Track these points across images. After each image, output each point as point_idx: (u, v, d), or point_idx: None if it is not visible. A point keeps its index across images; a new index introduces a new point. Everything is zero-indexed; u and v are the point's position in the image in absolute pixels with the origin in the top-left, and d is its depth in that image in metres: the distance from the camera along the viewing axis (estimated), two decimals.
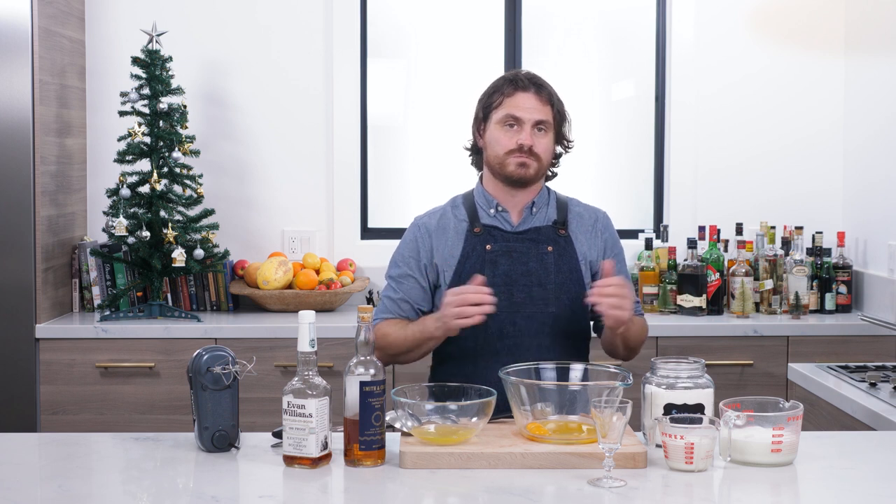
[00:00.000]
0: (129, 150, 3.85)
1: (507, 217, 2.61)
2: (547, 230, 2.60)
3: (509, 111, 2.56)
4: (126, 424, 3.67)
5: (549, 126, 2.58)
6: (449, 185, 4.36)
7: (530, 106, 2.55)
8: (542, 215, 2.63)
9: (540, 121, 2.56)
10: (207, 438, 2.13)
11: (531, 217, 2.62)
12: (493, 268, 2.55)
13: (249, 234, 4.24)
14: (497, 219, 2.61)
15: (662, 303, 4.02)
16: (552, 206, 2.65)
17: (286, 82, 4.24)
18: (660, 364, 2.19)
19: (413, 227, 2.67)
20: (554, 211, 2.64)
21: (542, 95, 2.57)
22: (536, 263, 2.56)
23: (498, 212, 2.61)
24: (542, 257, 2.57)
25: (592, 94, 4.43)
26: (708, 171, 4.29)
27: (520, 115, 2.55)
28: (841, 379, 2.88)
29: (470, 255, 2.57)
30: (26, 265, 3.67)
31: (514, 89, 2.57)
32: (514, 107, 2.56)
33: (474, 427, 2.11)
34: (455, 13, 4.39)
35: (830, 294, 4.02)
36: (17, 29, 3.63)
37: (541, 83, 2.59)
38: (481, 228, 2.59)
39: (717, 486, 1.96)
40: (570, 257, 2.58)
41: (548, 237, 2.59)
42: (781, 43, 4.27)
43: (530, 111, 2.55)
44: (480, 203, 2.63)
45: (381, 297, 2.67)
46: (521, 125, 2.55)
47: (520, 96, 2.56)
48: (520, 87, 2.57)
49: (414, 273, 2.61)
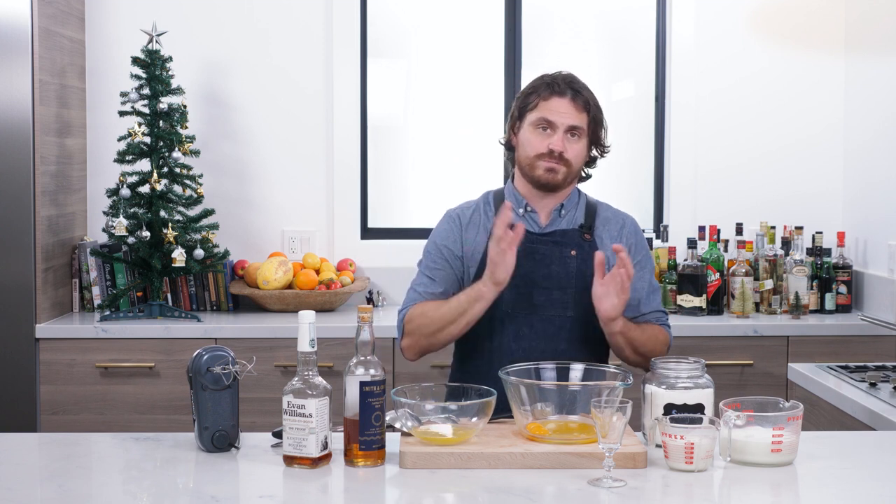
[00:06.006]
0: (129, 150, 3.85)
1: (536, 218, 2.60)
2: (572, 233, 2.59)
3: (543, 114, 2.54)
4: (126, 424, 3.67)
5: (583, 132, 2.56)
6: (449, 184, 4.40)
7: (565, 111, 2.54)
8: (570, 218, 2.61)
9: (573, 126, 2.54)
10: (207, 438, 2.13)
11: (559, 219, 2.61)
12: (514, 268, 2.54)
13: (249, 234, 4.24)
14: (525, 219, 2.60)
15: (662, 303, 4.01)
16: (580, 209, 2.63)
17: (286, 82, 4.24)
18: (660, 364, 2.19)
19: (447, 218, 2.66)
20: (582, 214, 2.62)
21: (578, 101, 2.55)
22: (559, 266, 2.55)
23: (527, 212, 2.61)
24: (564, 261, 2.55)
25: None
26: (708, 171, 4.29)
27: (553, 120, 2.54)
28: (841, 379, 2.88)
29: None
30: (26, 265, 3.67)
31: (550, 93, 2.55)
32: (549, 110, 2.54)
33: (474, 427, 2.11)
34: (455, 13, 4.39)
35: (830, 294, 4.02)
36: (17, 29, 3.63)
37: (578, 88, 2.57)
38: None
39: (717, 486, 1.96)
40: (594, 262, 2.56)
41: (572, 240, 2.58)
42: (781, 43, 4.27)
43: (564, 116, 2.53)
44: (511, 201, 2.61)
45: (410, 289, 2.63)
46: (553, 129, 2.54)
47: (555, 101, 2.54)
48: (556, 91, 2.55)
49: (449, 262, 2.59)
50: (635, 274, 2.57)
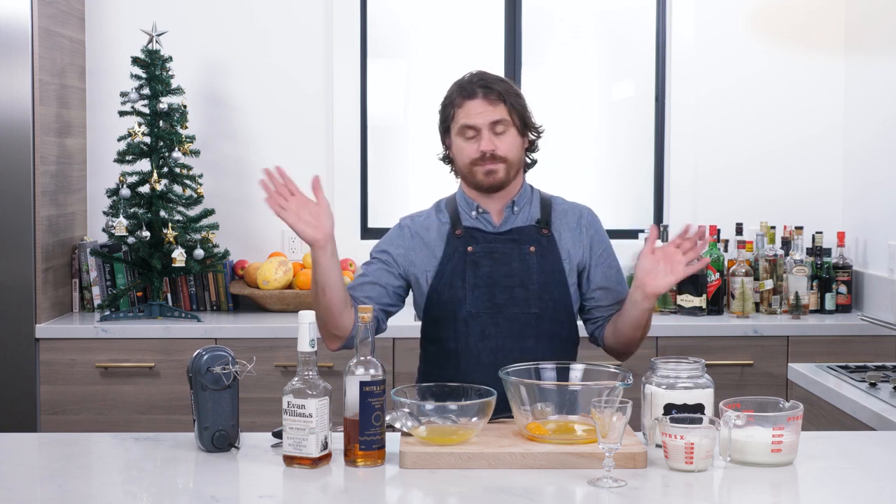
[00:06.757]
0: (129, 150, 3.85)
1: (489, 218, 2.60)
2: (529, 230, 2.58)
3: (464, 121, 2.54)
4: (126, 424, 3.67)
5: (508, 123, 2.53)
6: (449, 184, 4.39)
7: (480, 111, 2.52)
8: (525, 214, 2.61)
9: (495, 122, 2.52)
10: (207, 438, 2.13)
11: (513, 216, 2.60)
12: (474, 269, 2.54)
13: (249, 234, 4.24)
14: (479, 220, 2.59)
15: (662, 302, 4.02)
16: (535, 204, 2.63)
17: (286, 82, 4.24)
18: (660, 364, 2.19)
19: (397, 227, 2.67)
20: (537, 210, 2.62)
21: (491, 96, 2.52)
22: (519, 264, 2.54)
23: (479, 213, 2.60)
24: (524, 258, 2.55)
25: (592, 94, 4.43)
26: (708, 171, 4.29)
27: (473, 123, 2.52)
28: (841, 379, 2.88)
29: (451, 256, 2.56)
30: (26, 265, 3.67)
31: (462, 98, 2.54)
32: (467, 115, 2.53)
33: (474, 427, 2.11)
34: (455, 13, 4.39)
35: (830, 294, 4.02)
36: (17, 29, 3.63)
37: (488, 84, 2.53)
38: (463, 231, 2.58)
39: (717, 486, 1.96)
40: (553, 257, 2.56)
41: (530, 237, 2.57)
42: (781, 43, 4.27)
43: (482, 115, 2.52)
44: (462, 206, 2.62)
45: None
46: (477, 132, 2.53)
47: (469, 104, 2.53)
48: (466, 94, 2.53)
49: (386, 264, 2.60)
50: (602, 264, 2.60)
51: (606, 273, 2.61)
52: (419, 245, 2.61)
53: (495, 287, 2.53)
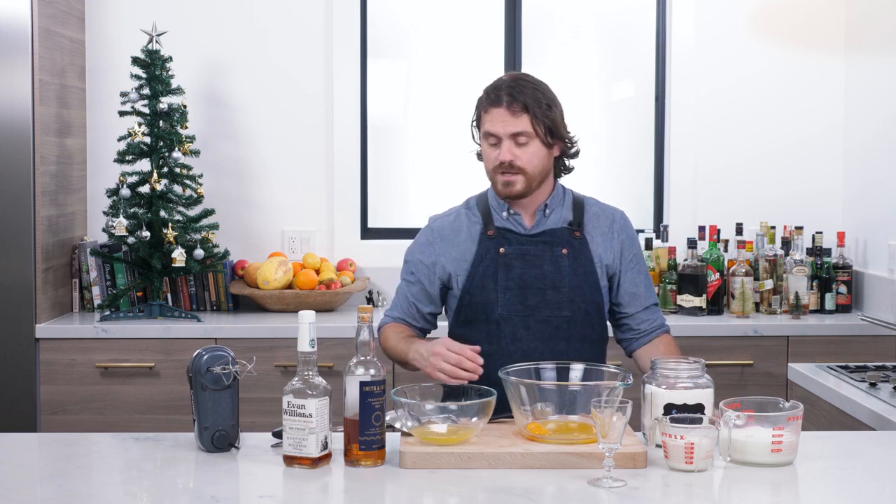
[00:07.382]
0: (129, 150, 3.85)
1: (520, 220, 2.58)
2: (561, 232, 2.57)
3: (487, 128, 2.52)
4: (126, 424, 3.67)
5: (530, 135, 2.49)
6: (449, 184, 4.40)
7: (503, 120, 2.49)
8: (557, 216, 2.59)
9: (516, 133, 2.49)
10: (207, 438, 2.13)
11: (545, 219, 2.58)
12: (506, 271, 2.53)
13: (249, 234, 4.24)
14: (510, 221, 2.58)
15: (662, 303, 4.02)
16: (567, 206, 2.61)
17: (286, 82, 4.24)
18: (660, 364, 2.19)
19: (426, 231, 2.66)
20: (569, 211, 2.60)
21: (515, 106, 2.48)
22: (551, 266, 2.53)
23: (511, 214, 2.59)
24: (556, 260, 2.53)
25: (592, 94, 4.43)
26: (708, 171, 4.29)
27: (495, 131, 2.50)
28: (841, 379, 2.88)
29: (483, 258, 2.55)
30: (26, 265, 3.67)
31: (488, 104, 2.51)
32: (490, 123, 2.51)
33: (474, 427, 2.11)
34: (455, 13, 4.39)
35: (830, 294, 4.02)
36: (17, 29, 3.63)
37: (514, 93, 2.48)
38: (495, 231, 2.56)
39: (717, 486, 1.96)
40: (586, 260, 2.55)
41: (562, 239, 2.56)
42: (781, 43, 4.27)
43: (504, 125, 2.49)
44: (493, 205, 2.60)
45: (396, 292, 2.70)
46: (499, 140, 2.51)
47: (493, 111, 2.50)
48: (493, 101, 2.50)
49: (422, 279, 2.62)
50: (632, 269, 2.59)
51: (636, 279, 2.60)
52: (448, 248, 2.60)
53: (527, 290, 2.52)
